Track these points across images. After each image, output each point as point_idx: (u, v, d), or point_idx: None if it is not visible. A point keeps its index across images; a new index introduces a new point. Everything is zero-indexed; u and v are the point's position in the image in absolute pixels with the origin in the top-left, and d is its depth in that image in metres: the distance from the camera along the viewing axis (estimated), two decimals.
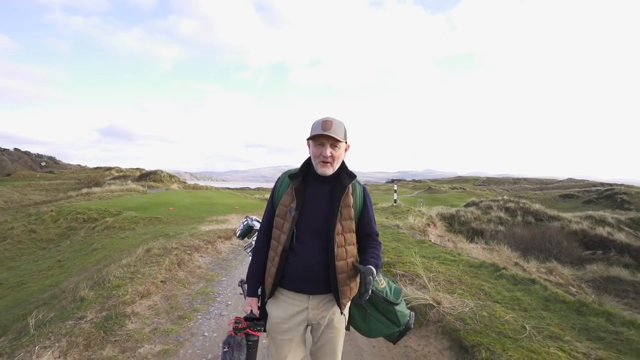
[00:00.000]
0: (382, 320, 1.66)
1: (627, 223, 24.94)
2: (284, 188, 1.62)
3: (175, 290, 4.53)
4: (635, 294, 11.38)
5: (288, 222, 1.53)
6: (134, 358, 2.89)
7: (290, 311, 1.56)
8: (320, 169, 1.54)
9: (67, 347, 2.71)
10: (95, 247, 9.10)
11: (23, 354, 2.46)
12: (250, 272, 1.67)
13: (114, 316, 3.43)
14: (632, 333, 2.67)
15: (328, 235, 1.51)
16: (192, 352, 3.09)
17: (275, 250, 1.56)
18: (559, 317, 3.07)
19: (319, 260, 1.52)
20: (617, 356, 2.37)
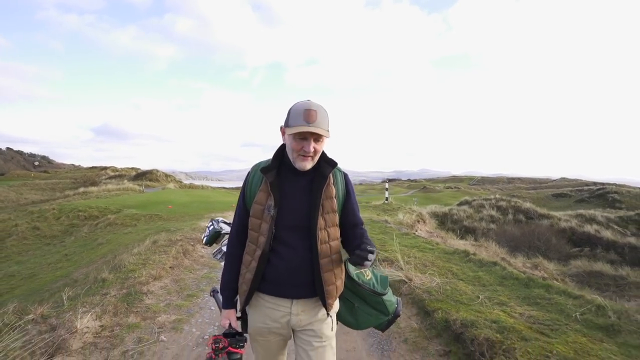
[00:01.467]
0: (370, 312, 1.58)
1: (616, 221, 25.80)
2: (256, 184, 1.46)
3: (182, 275, 5.14)
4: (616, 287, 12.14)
5: (266, 222, 1.39)
6: (154, 324, 3.49)
7: (273, 316, 1.44)
8: (300, 163, 1.38)
9: (100, 312, 3.32)
10: (100, 242, 9.67)
11: (68, 316, 3.06)
12: (224, 281, 1.53)
13: (133, 293, 4.04)
14: (561, 299, 3.33)
15: (310, 231, 1.39)
16: (201, 321, 3.71)
17: (253, 255, 1.42)
18: (509, 290, 3.73)
19: (305, 260, 1.40)
20: (543, 314, 3.03)
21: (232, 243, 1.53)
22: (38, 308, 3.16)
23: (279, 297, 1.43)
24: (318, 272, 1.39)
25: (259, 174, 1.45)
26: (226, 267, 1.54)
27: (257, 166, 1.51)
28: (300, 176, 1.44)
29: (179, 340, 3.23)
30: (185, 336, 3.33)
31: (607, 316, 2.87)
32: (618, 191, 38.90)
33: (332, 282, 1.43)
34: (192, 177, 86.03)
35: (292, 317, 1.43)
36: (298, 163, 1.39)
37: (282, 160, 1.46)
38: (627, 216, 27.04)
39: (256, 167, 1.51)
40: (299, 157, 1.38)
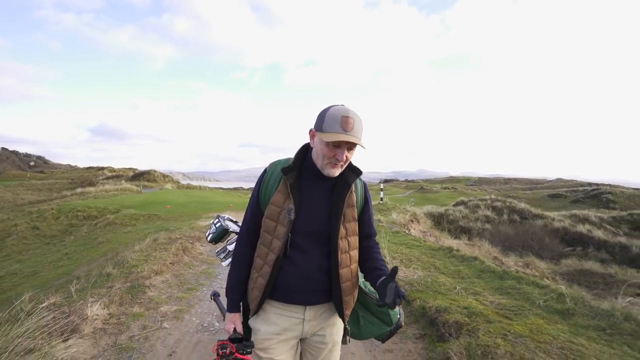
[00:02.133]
0: (374, 322, 1.55)
1: (609, 221, 26.29)
2: (273, 183, 1.39)
3: (182, 270, 5.45)
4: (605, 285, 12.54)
5: (283, 226, 1.32)
6: (157, 314, 3.80)
7: (284, 324, 1.38)
8: (329, 169, 1.32)
9: (108, 302, 3.63)
10: (100, 241, 9.95)
11: (79, 304, 3.37)
12: (230, 282, 1.45)
13: (136, 286, 4.35)
14: (529, 288, 3.68)
15: (330, 239, 1.34)
16: (200, 311, 4.02)
17: (265, 259, 1.36)
18: (485, 282, 4.07)
19: (320, 267, 1.35)
20: (511, 301, 3.37)
21: (241, 242, 1.46)
22: (51, 297, 3.46)
23: (291, 303, 1.38)
24: (337, 281, 1.34)
25: (278, 173, 1.38)
26: (234, 267, 1.46)
27: (275, 164, 1.42)
28: (322, 181, 1.37)
29: (180, 328, 3.55)
30: (186, 324, 3.65)
31: (565, 302, 3.21)
32: (612, 192, 39.47)
33: (350, 292, 1.40)
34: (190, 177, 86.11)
35: (305, 324, 1.39)
36: (327, 170, 1.32)
37: (304, 163, 1.39)
38: (620, 216, 27.55)
39: (274, 165, 1.42)
40: (329, 164, 1.31)
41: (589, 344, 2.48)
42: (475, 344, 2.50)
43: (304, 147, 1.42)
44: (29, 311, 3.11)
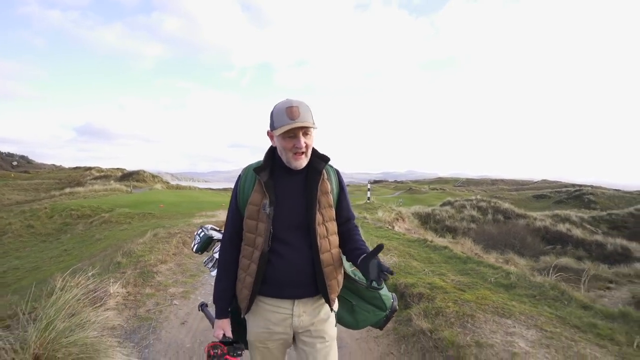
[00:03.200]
0: (368, 309, 1.61)
1: (589, 221, 27.62)
2: (249, 185, 1.45)
3: (184, 260, 6.04)
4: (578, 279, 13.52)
5: (263, 222, 1.38)
6: (166, 294, 4.40)
7: (273, 319, 1.43)
8: (295, 162, 1.38)
9: (124, 283, 4.22)
10: (98, 238, 10.41)
11: (102, 283, 3.95)
12: (218, 290, 1.50)
13: (145, 272, 4.94)
14: (486, 269, 4.41)
15: (309, 227, 1.41)
16: (204, 292, 4.63)
17: (250, 257, 1.41)
18: (451, 265, 4.79)
19: (306, 257, 1.41)
20: (468, 279, 4.08)
21: (224, 249, 1.51)
22: (77, 278, 4.03)
23: (280, 298, 1.42)
24: (319, 267, 1.40)
25: (252, 175, 1.45)
26: (220, 274, 1.50)
27: (248, 168, 1.49)
28: (294, 174, 1.44)
29: (188, 304, 4.16)
30: (192, 302, 4.26)
31: (511, 279, 3.94)
32: (593, 192, 41.12)
33: (333, 276, 1.44)
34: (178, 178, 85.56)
35: (294, 319, 1.42)
36: (293, 162, 1.39)
37: (274, 160, 1.47)
38: (599, 216, 28.94)
39: (247, 168, 1.49)
40: (293, 156, 1.38)
41: (518, 305, 3.20)
42: (431, 307, 3.19)
43: (271, 147, 1.48)
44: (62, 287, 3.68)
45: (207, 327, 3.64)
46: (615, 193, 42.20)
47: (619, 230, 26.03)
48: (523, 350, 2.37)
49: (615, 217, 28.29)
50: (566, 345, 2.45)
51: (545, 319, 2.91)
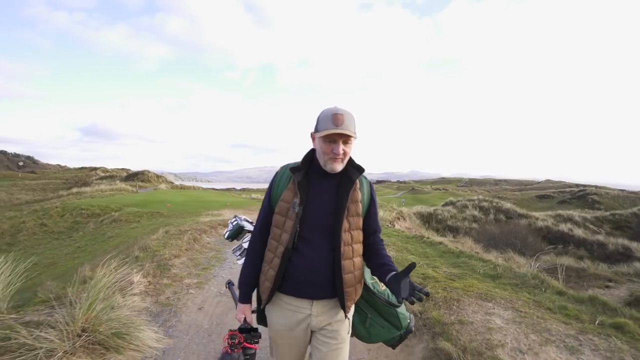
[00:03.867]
0: (383, 324, 1.61)
1: (592, 221, 27.82)
2: (284, 182, 1.53)
3: (195, 255, 6.47)
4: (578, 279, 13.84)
5: (291, 220, 1.45)
6: (182, 284, 4.83)
7: (292, 319, 1.49)
8: (330, 165, 1.45)
9: (145, 274, 4.65)
10: (109, 236, 10.88)
11: (126, 272, 4.38)
12: (243, 275, 1.60)
13: (162, 265, 5.37)
14: (476, 263, 4.80)
15: (334, 232, 1.44)
16: (217, 283, 5.06)
17: (275, 252, 1.48)
18: (444, 259, 5.18)
19: (326, 260, 1.45)
20: (459, 271, 4.48)
21: (254, 239, 1.59)
22: (102, 269, 4.46)
23: (299, 297, 1.48)
24: (339, 273, 1.43)
25: (288, 173, 1.52)
26: (247, 262, 1.60)
27: (285, 167, 1.56)
28: (328, 179, 1.50)
29: (203, 293, 4.59)
30: (207, 291, 4.69)
31: (497, 270, 4.33)
32: (597, 192, 41.18)
33: (352, 284, 1.47)
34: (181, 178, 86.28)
35: (312, 319, 1.48)
36: (329, 165, 1.45)
37: (311, 163, 1.53)
38: (602, 216, 29.12)
39: (285, 167, 1.57)
40: (329, 160, 1.44)
41: (501, 291, 3.60)
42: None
43: (311, 150, 1.55)
44: (91, 277, 4.12)
45: (222, 312, 4.07)
46: (619, 193, 42.20)
47: (622, 231, 26.23)
48: (498, 326, 2.77)
49: (618, 218, 28.47)
50: (536, 322, 2.84)
51: (523, 303, 3.30)
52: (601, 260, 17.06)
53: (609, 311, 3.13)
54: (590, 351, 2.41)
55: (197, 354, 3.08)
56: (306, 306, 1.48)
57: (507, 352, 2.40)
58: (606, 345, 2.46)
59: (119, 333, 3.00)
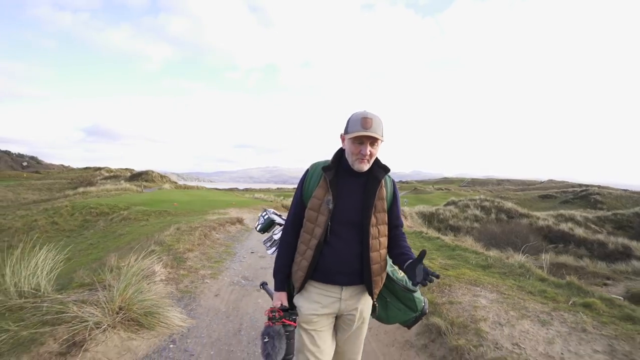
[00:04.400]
0: (400, 308, 1.75)
1: (594, 221, 28.08)
2: (315, 180, 1.65)
3: (207, 249, 6.91)
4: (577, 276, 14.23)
5: (323, 215, 1.57)
6: (198, 275, 5.26)
7: (324, 302, 1.61)
8: (358, 165, 1.57)
9: (164, 265, 5.09)
10: (120, 233, 11.35)
11: (149, 263, 4.81)
12: (277, 265, 1.72)
13: (177, 258, 5.81)
14: (470, 255, 5.21)
15: (363, 227, 1.56)
16: (229, 274, 5.49)
17: (308, 244, 1.60)
18: (441, 252, 5.60)
19: (355, 252, 1.57)
20: (453, 262, 4.88)
21: (287, 231, 1.71)
22: (126, 260, 4.90)
23: (330, 284, 1.61)
24: (368, 264, 1.56)
25: (319, 172, 1.64)
26: (280, 252, 1.72)
27: (316, 165, 1.69)
28: (356, 177, 1.62)
29: (218, 282, 5.03)
30: (221, 280, 5.13)
31: (488, 261, 4.74)
32: (600, 192, 41.35)
33: (378, 273, 1.61)
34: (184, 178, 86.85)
35: (341, 303, 1.61)
36: (357, 165, 1.57)
37: (340, 162, 1.65)
38: (604, 216, 29.36)
39: (315, 165, 1.69)
40: (357, 160, 1.56)
41: (489, 278, 4.01)
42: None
43: (340, 149, 1.68)
44: (117, 266, 4.56)
45: (237, 298, 4.50)
46: (622, 193, 42.32)
47: (624, 230, 26.46)
48: (483, 305, 3.18)
49: (620, 217, 28.70)
50: (516, 302, 3.26)
51: (507, 287, 3.71)
52: (601, 259, 17.38)
53: (583, 293, 3.53)
54: (559, 323, 2.82)
55: (217, 332, 3.51)
56: (336, 291, 1.61)
57: (488, 325, 2.81)
58: (573, 319, 2.86)
59: (149, 312, 3.44)
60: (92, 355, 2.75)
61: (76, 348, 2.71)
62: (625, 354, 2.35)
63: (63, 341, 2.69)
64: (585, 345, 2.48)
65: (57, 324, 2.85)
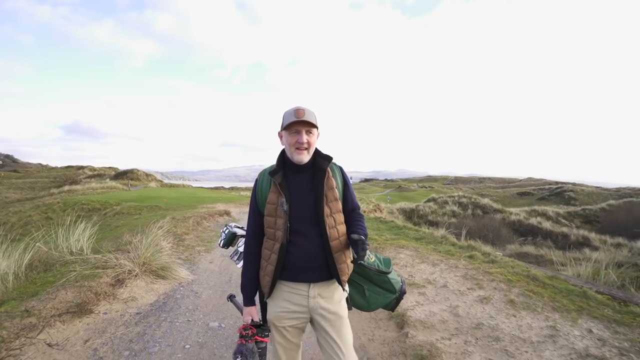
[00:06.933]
0: (378, 292, 1.82)
1: (565, 216, 30.40)
2: (266, 187, 1.71)
3: (200, 234, 8.29)
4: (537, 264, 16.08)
5: (281, 218, 1.63)
6: (195, 250, 6.65)
7: (293, 300, 1.68)
8: (297, 156, 1.63)
9: (171, 241, 6.46)
10: (116, 225, 12.55)
11: (157, 240, 6.18)
12: (244, 280, 1.77)
13: (177, 238, 7.18)
14: (411, 231, 6.75)
15: (318, 220, 1.63)
16: (219, 253, 6.90)
17: (272, 249, 1.66)
18: (390, 231, 7.14)
19: (317, 244, 1.63)
20: (397, 236, 6.42)
21: (249, 244, 1.78)
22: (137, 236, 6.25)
23: (297, 282, 1.68)
24: (330, 253, 1.63)
25: (267, 178, 1.73)
26: (246, 266, 1.78)
27: (263, 172, 1.78)
28: (303, 173, 1.71)
29: (210, 255, 6.44)
30: (213, 254, 6.54)
31: (421, 235, 6.29)
32: (574, 189, 44.03)
33: (343, 260, 1.68)
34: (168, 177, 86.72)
35: (310, 300, 1.68)
36: (296, 157, 1.65)
37: (285, 164, 1.73)
38: (574, 211, 31.75)
39: (263, 173, 1.78)
40: (295, 151, 1.65)
41: (415, 244, 5.56)
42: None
43: (282, 151, 1.76)
44: (130, 242, 5.91)
45: (227, 264, 5.92)
46: (595, 190, 45.08)
47: (591, 224, 28.81)
48: (400, 257, 4.71)
49: (588, 212, 31.16)
50: (424, 255, 4.80)
51: (424, 248, 5.26)
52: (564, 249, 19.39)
53: (472, 250, 5.10)
54: (445, 266, 4.37)
55: (213, 281, 4.94)
56: (304, 289, 1.68)
57: (399, 266, 4.34)
58: (453, 263, 4.42)
59: (164, 267, 4.85)
60: (130, 289, 4.14)
61: (120, 283, 4.11)
62: (474, 277, 3.90)
63: (111, 278, 4.10)
64: (451, 273, 4.03)
65: (106, 268, 4.24)
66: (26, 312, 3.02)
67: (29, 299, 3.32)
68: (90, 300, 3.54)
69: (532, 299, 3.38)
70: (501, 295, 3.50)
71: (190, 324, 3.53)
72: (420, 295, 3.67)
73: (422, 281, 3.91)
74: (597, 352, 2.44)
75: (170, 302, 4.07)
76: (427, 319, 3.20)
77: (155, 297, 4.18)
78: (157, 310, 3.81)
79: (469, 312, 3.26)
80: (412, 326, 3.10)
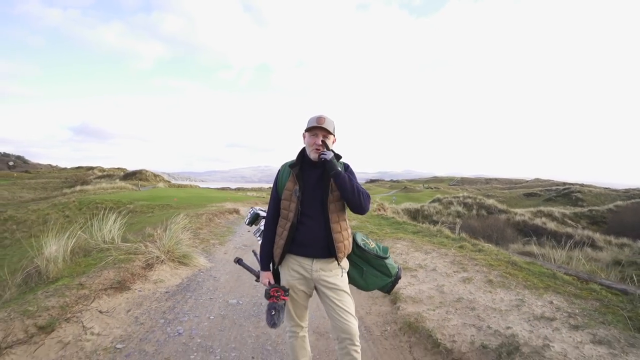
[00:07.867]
0: (376, 274, 2.12)
1: (571, 217, 30.55)
2: (286, 176, 2.11)
3: (213, 229, 8.93)
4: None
5: (294, 202, 2.01)
6: (210, 243, 7.27)
7: (300, 270, 2.06)
8: (313, 154, 2.02)
9: (188, 235, 7.09)
10: (130, 223, 13.24)
11: (176, 233, 6.81)
12: (262, 251, 2.18)
13: (193, 232, 7.80)
14: (410, 226, 7.29)
15: (323, 207, 1.99)
16: (232, 246, 7.53)
17: (284, 227, 2.05)
18: (390, 227, 7.69)
19: (322, 227, 1.99)
20: (396, 230, 6.98)
21: (268, 222, 2.18)
22: (157, 230, 6.88)
23: (303, 256, 2.05)
24: (330, 234, 1.99)
25: (287, 169, 2.13)
26: (264, 240, 2.18)
27: (285, 164, 2.18)
28: (316, 169, 2.07)
29: (224, 247, 7.07)
30: (226, 246, 7.16)
31: (419, 229, 6.83)
32: (581, 190, 43.99)
33: (340, 240, 2.02)
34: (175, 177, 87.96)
35: (313, 272, 2.04)
36: (312, 154, 2.04)
37: (303, 159, 2.12)
38: (581, 212, 31.87)
39: (284, 165, 2.18)
40: (312, 150, 2.03)
41: (412, 237, 6.12)
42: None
43: (302, 149, 2.14)
44: (151, 234, 6.54)
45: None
46: (602, 191, 44.93)
47: (598, 225, 28.92)
48: (397, 247, 5.27)
49: (595, 213, 31.27)
50: (418, 245, 5.35)
51: (419, 240, 5.81)
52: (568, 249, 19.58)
53: (463, 241, 5.64)
54: (436, 254, 4.92)
55: (229, 268, 5.54)
56: (308, 262, 2.04)
57: (395, 254, 4.90)
58: (444, 251, 4.97)
59: (185, 255, 5.47)
60: (158, 272, 4.76)
61: (149, 267, 4.74)
62: (460, 263, 4.45)
63: (143, 262, 4.72)
64: (441, 260, 4.59)
65: (137, 254, 4.86)
66: (80, 285, 3.65)
67: (79, 277, 3.95)
68: (127, 279, 4.17)
69: (508, 279, 3.92)
70: (482, 276, 4.05)
71: (212, 301, 4.14)
72: (412, 277, 4.24)
73: (414, 266, 4.47)
74: (550, 315, 2.99)
75: (193, 284, 4.67)
76: (417, 296, 3.77)
77: (179, 280, 4.79)
78: (183, 290, 4.42)
79: (453, 289, 3.82)
80: (403, 301, 3.67)
